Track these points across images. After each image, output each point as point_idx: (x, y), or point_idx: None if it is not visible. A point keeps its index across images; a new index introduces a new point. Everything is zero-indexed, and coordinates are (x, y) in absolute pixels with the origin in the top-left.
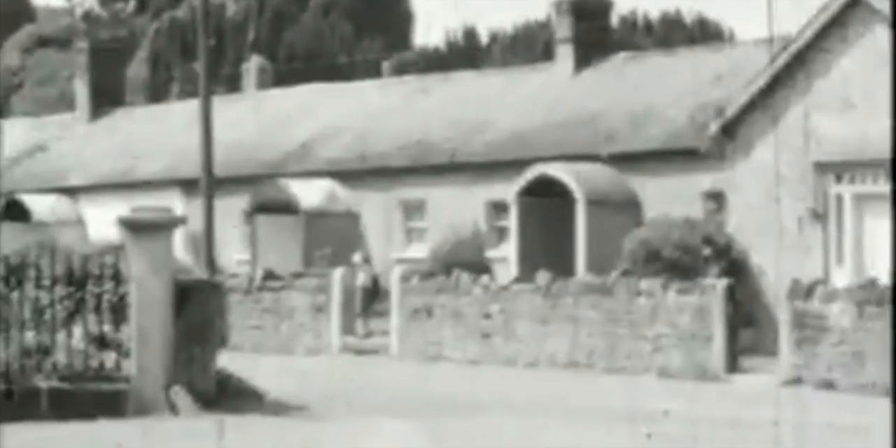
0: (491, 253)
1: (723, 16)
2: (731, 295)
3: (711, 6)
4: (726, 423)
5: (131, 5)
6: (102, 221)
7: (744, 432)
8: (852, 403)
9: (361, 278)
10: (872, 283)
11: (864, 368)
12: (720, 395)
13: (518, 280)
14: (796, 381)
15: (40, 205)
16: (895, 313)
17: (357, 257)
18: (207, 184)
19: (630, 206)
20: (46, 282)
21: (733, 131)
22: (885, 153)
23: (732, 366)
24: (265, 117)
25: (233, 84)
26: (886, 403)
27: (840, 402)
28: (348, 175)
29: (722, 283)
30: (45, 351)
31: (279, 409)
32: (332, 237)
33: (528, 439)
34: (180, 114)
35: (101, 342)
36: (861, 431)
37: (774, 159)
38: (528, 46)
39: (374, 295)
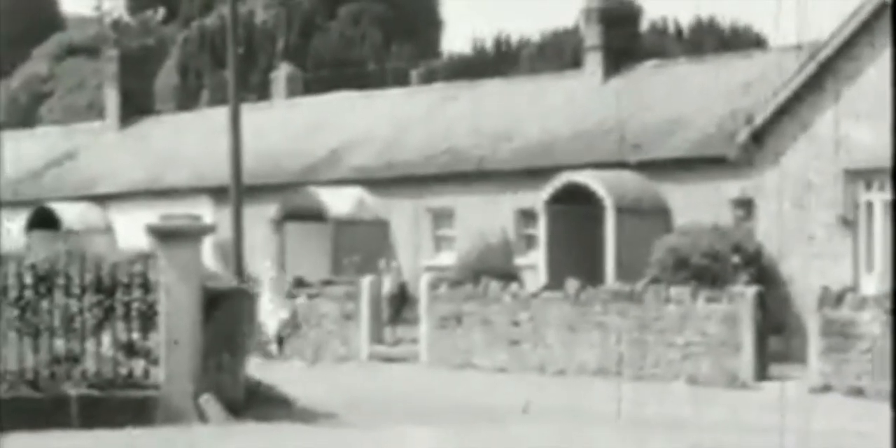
0: (519, 261)
1: (754, 21)
2: (760, 302)
3: (743, 12)
4: (755, 430)
5: (160, 14)
6: (131, 229)
7: (773, 440)
8: (880, 411)
9: (388, 286)
10: None
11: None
12: (749, 402)
13: (547, 288)
14: (825, 388)
15: (69, 213)
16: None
17: (384, 264)
18: (236, 191)
19: (659, 214)
20: (76, 289)
21: (762, 138)
22: None
23: (762, 373)
24: (294, 125)
25: (262, 92)
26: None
27: (868, 410)
28: (377, 183)
29: (751, 291)
30: (75, 358)
31: (308, 416)
32: (361, 245)
33: (556, 447)
34: (209, 121)
35: (130, 350)
36: (886, 438)
37: (803, 166)
38: (557, 54)
39: (403, 303)
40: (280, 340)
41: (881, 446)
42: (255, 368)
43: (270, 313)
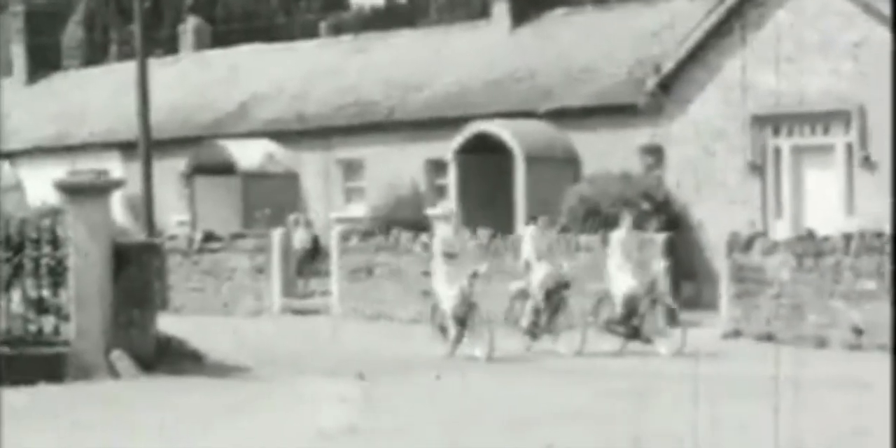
0: (430, 210)
1: None
2: (670, 249)
3: None
4: (667, 376)
5: None
6: (41, 185)
7: (685, 385)
8: (791, 355)
9: (299, 238)
10: (810, 235)
11: (802, 320)
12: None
13: None
14: (736, 333)
15: None
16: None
17: (295, 217)
18: (145, 146)
19: (568, 163)
20: None
21: (670, 86)
22: (822, 105)
23: (673, 320)
24: (203, 79)
25: (170, 46)
26: (823, 354)
27: (779, 354)
28: (286, 135)
29: (661, 238)
30: None
31: (220, 370)
32: (271, 198)
33: (464, 396)
34: (118, 76)
35: (40, 306)
36: (797, 383)
37: (712, 113)
38: (465, 3)
39: (314, 255)
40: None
41: (791, 389)
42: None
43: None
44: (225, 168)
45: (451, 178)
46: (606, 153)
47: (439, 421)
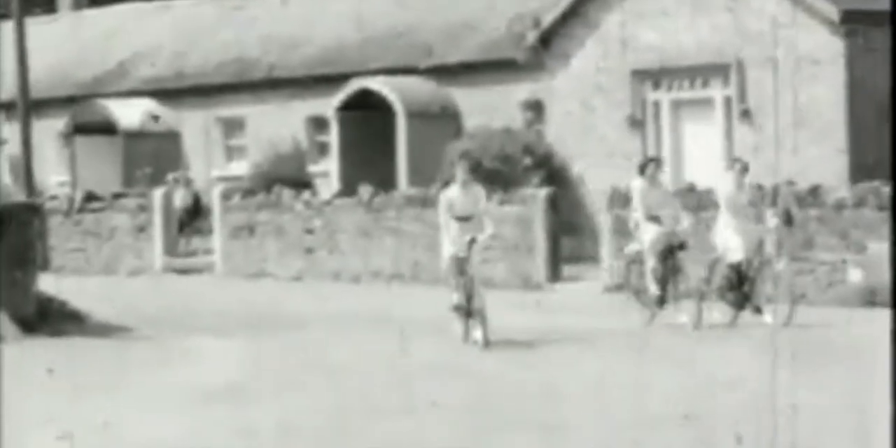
0: (312, 168)
1: None
2: (552, 204)
3: None
4: (551, 330)
5: None
6: None
7: (567, 338)
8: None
9: (180, 197)
10: (691, 188)
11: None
12: (544, 303)
13: (340, 194)
14: (619, 287)
15: None
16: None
17: (176, 176)
18: (24, 105)
19: (450, 118)
20: None
21: (550, 41)
22: (700, 59)
23: (555, 274)
24: (82, 37)
25: (48, 5)
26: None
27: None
28: (167, 94)
29: (543, 193)
30: None
31: (102, 330)
32: (152, 156)
33: (349, 352)
34: None
35: None
36: (676, 332)
37: (592, 67)
38: None
39: (196, 214)
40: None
41: (673, 339)
42: None
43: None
44: (105, 127)
45: (332, 136)
46: (488, 108)
47: (325, 375)
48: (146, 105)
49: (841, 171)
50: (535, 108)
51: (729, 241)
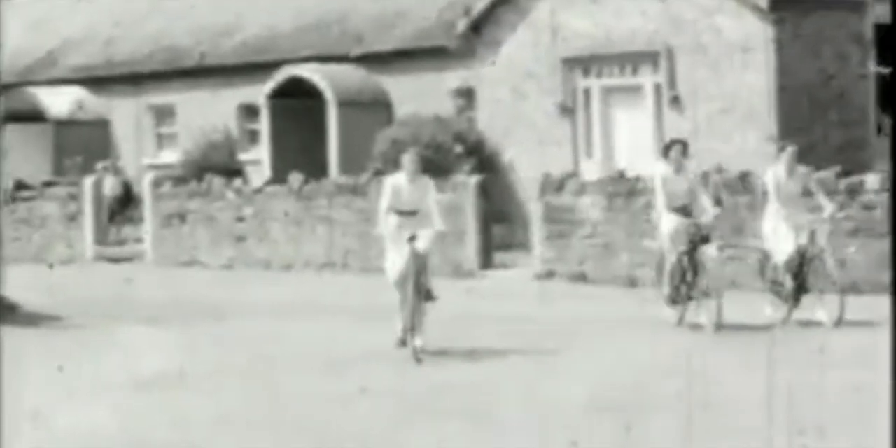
0: (243, 156)
1: None
2: (482, 191)
3: None
4: (482, 317)
5: None
6: None
7: (500, 326)
8: (602, 295)
9: (111, 186)
10: (621, 176)
11: (614, 260)
12: (475, 290)
13: (271, 182)
14: (549, 274)
15: None
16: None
17: (107, 164)
18: None
19: (381, 106)
20: None
21: (481, 28)
22: (630, 46)
23: (487, 262)
24: (11, 25)
25: None
26: (634, 293)
27: (591, 294)
28: (97, 82)
29: (473, 180)
30: None
31: (33, 319)
32: (82, 145)
33: (280, 340)
34: None
35: None
36: (606, 321)
37: (522, 55)
38: None
39: (126, 202)
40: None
41: (603, 328)
42: None
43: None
44: (35, 116)
45: (263, 124)
46: (419, 96)
47: (257, 363)
48: (76, 93)
49: (770, 158)
50: (467, 96)
51: (778, 232)
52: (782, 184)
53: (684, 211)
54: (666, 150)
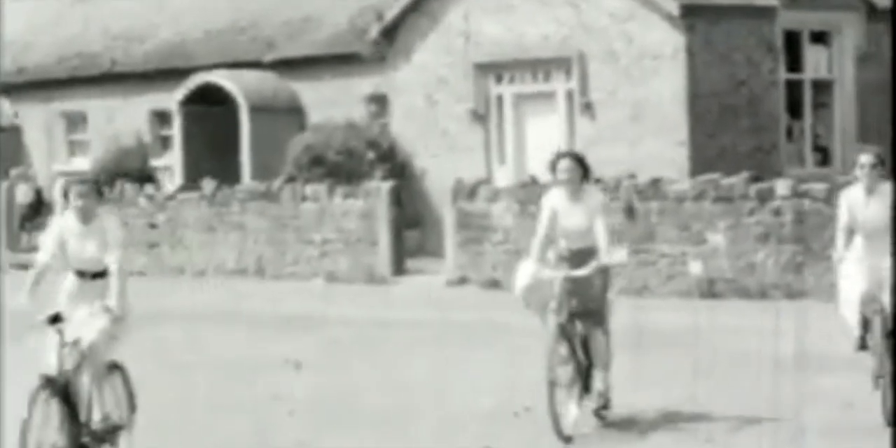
0: (155, 162)
1: None
2: (395, 197)
3: None
4: (394, 323)
5: None
6: None
7: (412, 332)
8: (514, 301)
9: (23, 192)
10: (533, 182)
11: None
12: (387, 297)
13: (184, 189)
14: (462, 280)
15: None
16: None
17: (18, 171)
18: None
19: (293, 112)
20: None
21: (393, 34)
22: (542, 53)
23: (399, 268)
24: None
25: None
26: None
27: (504, 300)
28: (8, 88)
29: (386, 186)
30: None
31: None
32: None
33: (193, 348)
34: None
35: None
36: (519, 328)
37: (435, 61)
38: None
39: (38, 209)
40: None
41: (516, 334)
42: None
43: None
44: None
45: (175, 130)
46: (332, 102)
47: (170, 371)
48: None
49: (681, 164)
50: (379, 102)
51: (850, 276)
52: (864, 211)
53: (579, 258)
54: (552, 165)
